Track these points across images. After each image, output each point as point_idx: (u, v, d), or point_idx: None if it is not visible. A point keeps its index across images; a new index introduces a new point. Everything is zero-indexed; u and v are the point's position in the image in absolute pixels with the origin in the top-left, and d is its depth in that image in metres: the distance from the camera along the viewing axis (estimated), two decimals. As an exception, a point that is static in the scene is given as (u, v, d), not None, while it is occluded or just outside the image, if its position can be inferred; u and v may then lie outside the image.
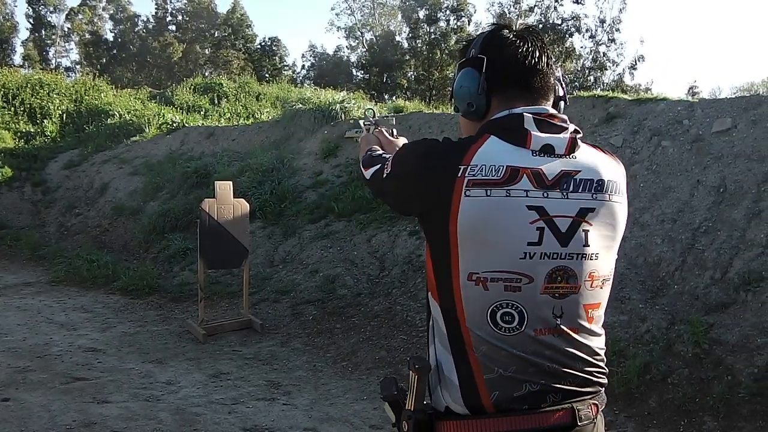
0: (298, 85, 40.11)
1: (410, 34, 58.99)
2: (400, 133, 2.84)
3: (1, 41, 58.29)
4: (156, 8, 62.24)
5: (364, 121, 2.55)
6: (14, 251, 14.46)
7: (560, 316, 1.97)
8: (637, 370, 6.26)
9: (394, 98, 41.00)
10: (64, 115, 21.77)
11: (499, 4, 52.55)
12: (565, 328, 1.98)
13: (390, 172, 2.18)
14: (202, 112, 22.26)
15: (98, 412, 6.16)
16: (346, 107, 15.42)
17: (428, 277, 2.08)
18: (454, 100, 2.23)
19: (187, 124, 19.29)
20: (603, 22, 48.66)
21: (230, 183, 9.34)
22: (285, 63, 65.97)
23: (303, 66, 65.94)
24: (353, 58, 62.60)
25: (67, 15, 61.54)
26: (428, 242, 2.02)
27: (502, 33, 2.16)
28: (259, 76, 45.02)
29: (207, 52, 61.17)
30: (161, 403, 6.53)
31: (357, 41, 61.59)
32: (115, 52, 62.14)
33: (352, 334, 8.44)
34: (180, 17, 62.38)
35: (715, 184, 7.96)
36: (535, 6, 50.42)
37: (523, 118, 2.02)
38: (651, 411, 5.98)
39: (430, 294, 2.07)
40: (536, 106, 2.10)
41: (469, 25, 58.20)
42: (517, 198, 1.91)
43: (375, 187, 2.39)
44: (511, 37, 2.13)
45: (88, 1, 61.86)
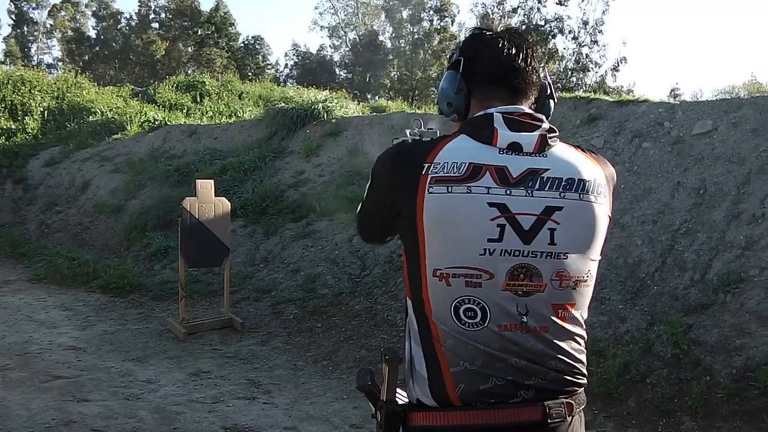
0: (281, 84, 40.08)
1: (393, 34, 59.15)
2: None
3: (-18, 37, 58.03)
4: (139, 5, 62.03)
5: (410, 131, 2.57)
6: (-6, 249, 14.40)
7: (525, 314, 1.98)
8: (617, 370, 6.30)
9: (376, 98, 41.02)
10: (46, 112, 21.66)
11: (483, 5, 52.52)
12: (533, 326, 1.99)
13: (369, 184, 2.22)
14: (184, 111, 22.18)
15: (78, 411, 6.15)
16: (329, 107, 15.39)
17: (404, 276, 2.12)
18: (438, 103, 2.30)
19: (170, 122, 19.21)
20: (586, 23, 48.71)
21: (212, 181, 9.33)
22: (268, 62, 65.94)
23: (286, 65, 65.90)
24: (336, 58, 62.72)
25: (50, 11, 61.31)
26: (402, 243, 2.07)
27: (479, 34, 2.21)
28: (242, 75, 44.98)
29: (190, 50, 60.96)
30: (141, 401, 6.52)
31: (340, 40, 61.68)
32: (97, 49, 61.86)
33: (333, 333, 8.44)
34: (163, 15, 62.16)
35: (696, 186, 8.01)
36: (519, 7, 50.43)
37: (493, 117, 2.06)
38: (630, 411, 6.02)
39: (407, 296, 2.11)
40: (513, 105, 2.12)
41: (453, 25, 58.38)
42: (478, 194, 1.95)
43: (360, 216, 2.43)
44: (488, 37, 2.18)
45: (71, -2, 61.66)
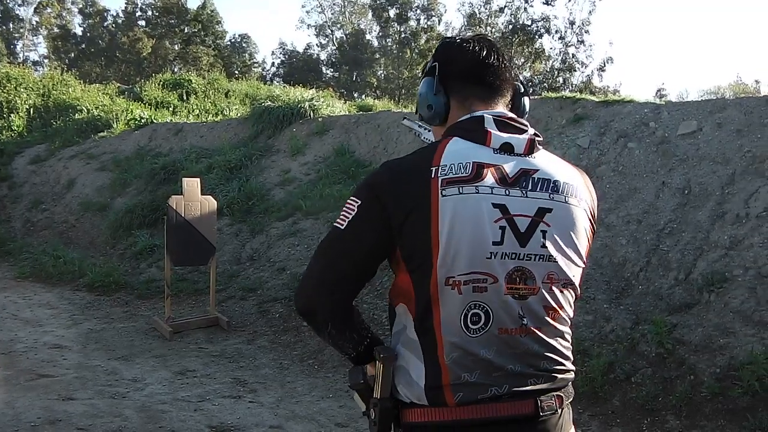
0: (268, 83, 39.97)
1: (380, 33, 59.08)
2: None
3: (-33, 34, 57.76)
4: (126, 3, 61.81)
5: (408, 121, 2.59)
6: (-21, 247, 14.35)
7: (524, 317, 2.00)
8: (601, 369, 6.32)
9: (363, 97, 41.03)
10: (32, 110, 21.52)
11: (470, 4, 52.65)
12: (531, 328, 2.01)
13: (350, 215, 2.04)
14: (170, 109, 22.07)
15: (63, 409, 6.14)
16: (315, 105, 15.38)
17: (397, 296, 2.09)
18: (418, 110, 2.30)
19: (156, 120, 19.14)
20: (572, 23, 48.86)
21: (198, 180, 9.33)
22: (255, 60, 65.94)
23: (273, 63, 65.78)
24: (323, 56, 62.62)
25: (36, 8, 60.98)
26: (403, 259, 2.00)
27: (451, 40, 2.27)
28: (229, 73, 44.82)
29: (176, 48, 60.79)
30: (127, 400, 6.52)
31: (327, 39, 61.57)
32: (83, 46, 61.63)
33: (319, 332, 8.43)
34: (150, 12, 61.98)
35: (680, 186, 8.04)
36: (505, 7, 50.55)
37: (484, 119, 2.08)
38: (615, 410, 6.04)
39: (401, 305, 2.08)
40: (495, 109, 2.15)
41: (440, 24, 58.49)
42: (485, 195, 1.95)
43: (323, 255, 2.12)
44: (459, 41, 2.23)
45: (57, -5, 61.41)
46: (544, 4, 48.45)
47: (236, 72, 53.59)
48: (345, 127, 13.73)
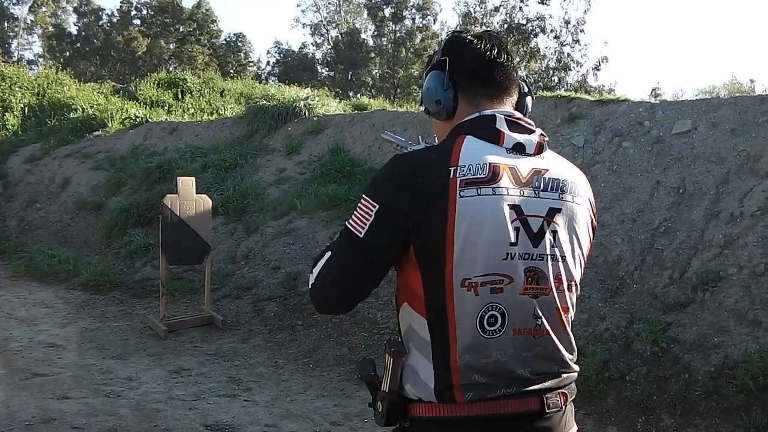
0: (263, 82, 39.95)
1: (375, 32, 59.03)
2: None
3: (-39, 33, 57.64)
4: (121, 2, 61.66)
5: (394, 139, 2.59)
6: (-27, 246, 14.33)
7: (538, 317, 2.01)
8: (596, 368, 6.34)
9: (358, 96, 41.00)
10: (26, 109, 21.49)
11: (465, 3, 52.65)
12: (544, 329, 2.02)
13: (368, 219, 1.99)
14: (165, 108, 22.03)
15: (58, 408, 6.13)
16: (311, 104, 15.37)
17: (404, 293, 2.08)
18: (424, 104, 2.27)
19: (151, 119, 19.12)
20: (568, 23, 48.90)
21: (193, 179, 9.32)
22: (250, 59, 65.74)
23: (268, 62, 65.60)
24: (318, 55, 62.55)
25: (30, 7, 60.75)
26: (415, 257, 1.98)
27: (460, 36, 2.23)
28: (224, 72, 44.80)
29: (171, 47, 60.73)
30: (121, 399, 6.51)
31: (322, 38, 61.50)
32: (78, 45, 61.50)
33: (314, 330, 8.45)
34: (145, 11, 61.87)
35: (675, 185, 8.06)
36: (501, 6, 50.57)
37: (495, 118, 2.08)
38: (609, 408, 6.06)
39: (409, 307, 2.06)
40: (503, 107, 2.16)
41: (435, 23, 58.48)
42: (501, 196, 1.95)
43: (333, 268, 2.10)
44: (469, 38, 2.20)
45: (52, -6, 61.27)
46: (539, 3, 48.64)
47: (231, 71, 53.51)
48: (340, 126, 13.73)
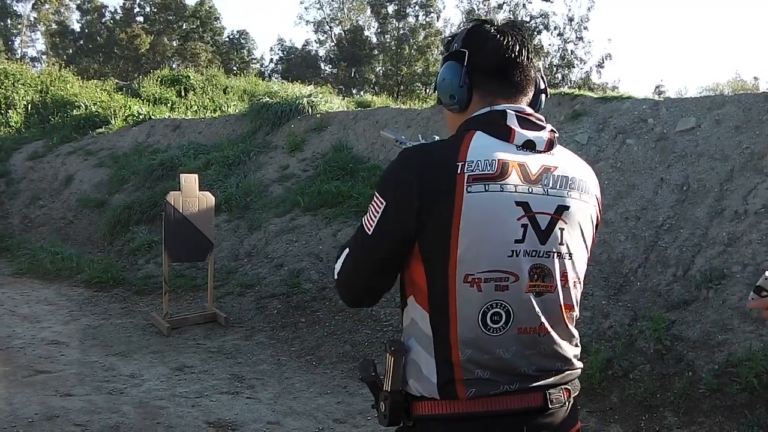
0: (266, 79, 39.89)
1: (379, 29, 59.00)
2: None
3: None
4: (124, -1, 61.81)
5: (393, 136, 2.58)
6: (-23, 243, 14.34)
7: (543, 315, 2.00)
8: (600, 365, 6.32)
9: (361, 93, 41.03)
10: (29, 106, 21.53)
11: (468, 0, 52.64)
12: (548, 327, 2.01)
13: (375, 217, 2.04)
14: (168, 105, 22.07)
15: (61, 405, 6.13)
16: (314, 101, 15.39)
17: (409, 286, 2.08)
18: (437, 93, 2.25)
19: (154, 117, 19.16)
20: (571, 20, 48.98)
21: (196, 176, 9.31)
22: (253, 56, 65.84)
23: (271, 60, 65.76)
24: (321, 53, 62.56)
25: (34, 5, 60.84)
26: (420, 251, 1.98)
27: (483, 27, 2.19)
28: (227, 69, 44.72)
29: (175, 45, 60.78)
30: (124, 396, 6.51)
31: (325, 35, 61.51)
32: (81, 42, 61.55)
33: (317, 328, 8.44)
34: (148, 8, 61.90)
35: (679, 183, 8.04)
36: (504, 3, 50.58)
37: (506, 115, 2.06)
38: (613, 406, 6.04)
39: (413, 301, 2.06)
40: (515, 104, 2.13)
41: (438, 21, 58.48)
42: (509, 193, 1.94)
43: (353, 263, 2.16)
44: (492, 31, 2.16)
45: (55, -9, 61.30)
46: (543, 0, 48.53)
47: (234, 68, 53.42)
48: (343, 123, 13.73)
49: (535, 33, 49.05)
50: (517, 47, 2.14)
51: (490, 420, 1.97)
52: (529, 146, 2.03)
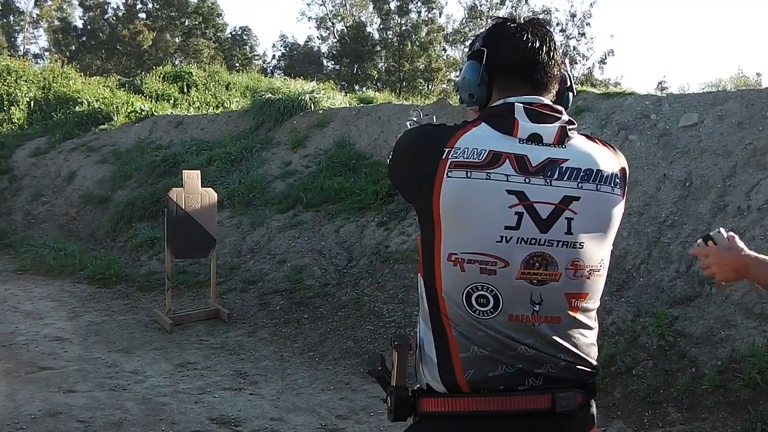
0: (268, 75, 39.94)
1: (381, 25, 58.93)
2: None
3: (-33, 27, 57.65)
4: (126, -4, 61.74)
5: (410, 122, 2.60)
6: (-21, 239, 14.35)
7: (539, 303, 1.98)
8: (603, 361, 6.31)
9: (364, 89, 40.99)
10: (32, 103, 21.51)
11: (471, -4, 52.61)
12: (545, 316, 1.99)
13: (391, 157, 2.24)
14: (171, 101, 22.05)
15: (64, 402, 6.14)
16: (316, 98, 15.40)
17: (418, 254, 2.11)
18: (459, 92, 2.28)
19: (156, 113, 19.15)
20: (573, 16, 49.09)
21: (198, 172, 9.33)
22: (255, 53, 65.72)
23: (273, 56, 65.80)
24: (324, 49, 62.44)
25: (36, 1, 60.80)
26: (419, 223, 2.06)
27: (504, 25, 2.19)
28: (230, 66, 44.76)
29: (177, 41, 60.70)
30: (127, 392, 6.52)
31: (328, 31, 61.41)
32: (84, 39, 61.47)
33: (320, 324, 8.45)
34: (150, 5, 61.82)
35: (682, 179, 8.04)
36: (506, -1, 50.54)
37: (514, 107, 2.06)
38: (616, 402, 6.05)
39: (419, 273, 2.10)
40: (532, 96, 2.12)
41: (440, 16, 58.38)
42: (497, 181, 1.94)
43: (389, 173, 2.41)
44: (513, 28, 2.16)
45: (57, -12, 61.25)
46: (545, -4, 48.54)
47: (237, 64, 53.52)
48: (346, 119, 13.72)
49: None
50: (537, 44, 2.13)
51: (494, 420, 1.97)
52: (535, 139, 2.03)
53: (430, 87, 51.21)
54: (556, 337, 2.01)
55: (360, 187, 11.22)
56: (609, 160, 2.13)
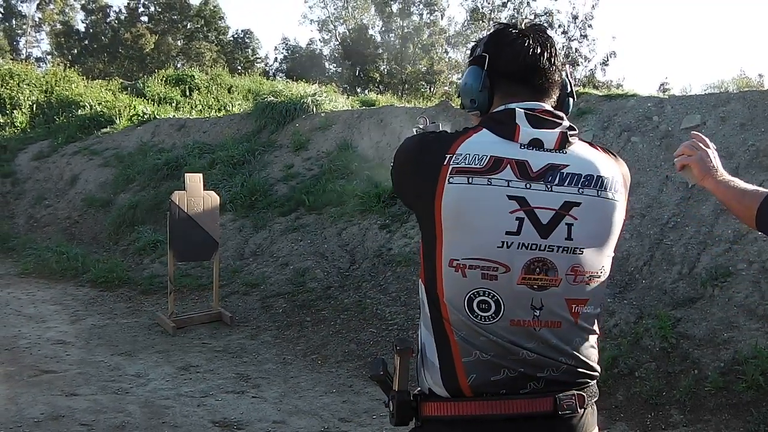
0: (271, 78, 39.91)
1: (383, 28, 59.02)
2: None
3: (-30, 31, 57.73)
4: (128, -1, 61.82)
5: (416, 129, 2.62)
6: (-18, 243, 14.36)
7: (540, 308, 1.98)
8: (605, 363, 6.30)
9: (366, 92, 41.00)
10: (34, 106, 21.52)
11: (473, -1, 52.61)
12: (546, 321, 1.99)
13: (393, 164, 2.22)
14: (173, 104, 22.06)
15: (66, 405, 6.14)
16: (318, 100, 15.42)
17: (420, 259, 2.11)
18: (461, 98, 2.28)
19: (159, 116, 19.16)
20: (576, 18, 48.98)
21: (200, 175, 9.32)
22: (257, 55, 65.77)
23: (275, 59, 65.73)
24: (326, 51, 62.55)
25: (38, 5, 60.87)
26: (420, 228, 2.06)
27: (505, 31, 2.20)
28: (232, 69, 44.83)
29: (179, 44, 60.80)
30: (130, 395, 6.52)
31: (330, 34, 61.48)
32: (86, 42, 61.56)
33: (322, 327, 8.45)
34: (152, 8, 61.90)
35: (684, 180, 8.02)
36: (509, 1, 50.56)
37: (515, 113, 2.06)
38: (618, 404, 6.04)
39: (420, 278, 2.10)
40: (533, 102, 2.12)
41: (442, 19, 58.44)
42: (498, 187, 1.95)
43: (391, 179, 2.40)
44: (514, 34, 2.17)
45: (60, -9, 61.33)
46: (547, -2, 48.55)
47: (239, 67, 53.57)
48: (348, 122, 13.73)
49: (540, 31, 49.09)
50: (538, 50, 2.14)
51: (496, 424, 1.97)
52: (536, 144, 2.03)
53: (432, 89, 51.20)
54: (557, 342, 2.01)
55: (362, 190, 11.22)
56: (610, 167, 2.13)
